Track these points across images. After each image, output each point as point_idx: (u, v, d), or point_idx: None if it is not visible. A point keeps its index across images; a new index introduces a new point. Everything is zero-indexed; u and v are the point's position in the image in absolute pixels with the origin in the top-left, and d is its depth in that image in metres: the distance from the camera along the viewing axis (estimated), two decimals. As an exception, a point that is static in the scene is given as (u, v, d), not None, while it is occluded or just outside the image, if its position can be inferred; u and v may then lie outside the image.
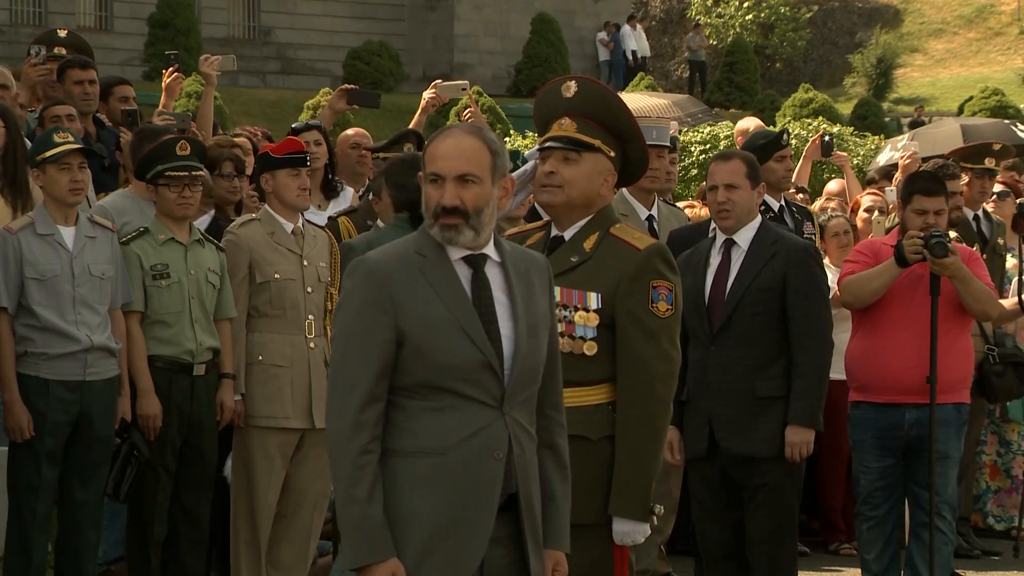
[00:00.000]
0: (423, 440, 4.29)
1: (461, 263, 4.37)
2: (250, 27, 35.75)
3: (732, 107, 32.49)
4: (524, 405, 4.39)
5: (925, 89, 38.66)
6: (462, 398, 4.30)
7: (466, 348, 4.29)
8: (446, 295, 4.32)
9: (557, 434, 4.53)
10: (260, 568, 7.43)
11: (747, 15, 39.30)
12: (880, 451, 7.55)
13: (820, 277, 6.93)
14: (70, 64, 9.26)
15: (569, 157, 5.21)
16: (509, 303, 4.38)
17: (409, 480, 4.28)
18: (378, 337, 4.28)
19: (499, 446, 4.31)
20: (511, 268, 4.41)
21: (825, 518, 9.91)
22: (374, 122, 28.38)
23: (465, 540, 4.29)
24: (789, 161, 8.57)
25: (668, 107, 19.59)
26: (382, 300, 4.29)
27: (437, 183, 4.33)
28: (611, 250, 5.23)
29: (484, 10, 36.56)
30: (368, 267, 4.34)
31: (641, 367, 5.17)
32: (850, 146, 18.31)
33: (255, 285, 7.45)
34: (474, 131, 4.42)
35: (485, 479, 4.29)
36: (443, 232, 4.32)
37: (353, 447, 4.25)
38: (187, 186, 7.31)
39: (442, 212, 4.32)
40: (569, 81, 5.29)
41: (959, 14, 41.54)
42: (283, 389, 7.41)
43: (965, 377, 7.64)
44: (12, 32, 30.93)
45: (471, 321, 4.31)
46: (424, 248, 4.37)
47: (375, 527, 4.24)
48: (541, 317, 4.43)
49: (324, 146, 9.02)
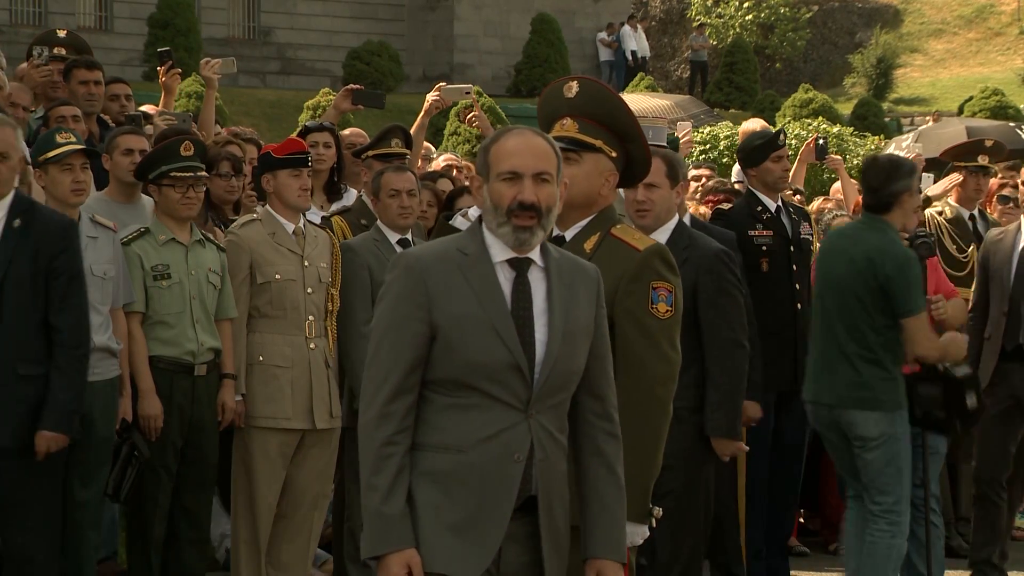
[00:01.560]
0: (446, 436, 4.32)
1: (504, 265, 4.37)
2: (250, 27, 35.74)
3: (732, 107, 32.48)
4: (553, 411, 4.39)
5: (925, 89, 38.65)
6: (488, 398, 4.31)
7: (495, 348, 4.30)
8: (482, 294, 4.33)
9: (604, 442, 4.51)
10: (260, 568, 7.44)
11: (747, 15, 39.28)
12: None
13: (732, 282, 6.80)
14: (76, 64, 9.28)
15: (570, 157, 5.18)
16: (547, 309, 4.37)
17: (431, 474, 4.31)
18: (411, 330, 4.30)
19: (520, 448, 4.32)
20: (555, 275, 4.41)
21: (825, 518, 9.92)
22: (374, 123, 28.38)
23: (478, 538, 4.31)
24: (786, 161, 8.57)
25: (670, 108, 19.60)
26: (418, 294, 4.31)
27: (512, 180, 4.33)
28: (611, 251, 5.22)
29: (484, 10, 36.55)
30: (407, 261, 4.37)
31: (640, 369, 5.16)
32: (850, 146, 18.32)
33: (256, 285, 7.46)
34: (539, 132, 4.45)
35: (503, 480, 4.31)
36: (517, 233, 4.33)
37: (378, 437, 4.29)
38: (191, 187, 7.32)
39: (519, 208, 4.31)
40: (571, 81, 5.28)
41: (959, 14, 41.54)
42: (283, 389, 7.42)
43: None
44: (12, 32, 30.92)
45: (504, 321, 4.32)
46: (467, 247, 4.38)
47: (394, 517, 4.27)
48: (582, 326, 4.42)
49: (333, 148, 9.00)
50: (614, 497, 4.48)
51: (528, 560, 4.40)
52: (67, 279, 6.43)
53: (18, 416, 6.34)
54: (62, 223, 6.56)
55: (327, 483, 7.67)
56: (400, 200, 7.86)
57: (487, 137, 4.44)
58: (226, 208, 8.48)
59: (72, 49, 9.56)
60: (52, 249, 6.42)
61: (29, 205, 6.55)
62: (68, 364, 6.41)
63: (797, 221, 8.49)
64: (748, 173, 8.60)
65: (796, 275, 8.38)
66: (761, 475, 8.32)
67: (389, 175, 7.92)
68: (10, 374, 6.35)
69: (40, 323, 6.40)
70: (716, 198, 9.94)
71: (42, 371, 6.38)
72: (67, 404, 6.41)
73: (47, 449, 6.39)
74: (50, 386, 6.36)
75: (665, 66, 40.16)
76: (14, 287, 6.35)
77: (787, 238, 8.39)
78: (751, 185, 8.57)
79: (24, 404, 6.35)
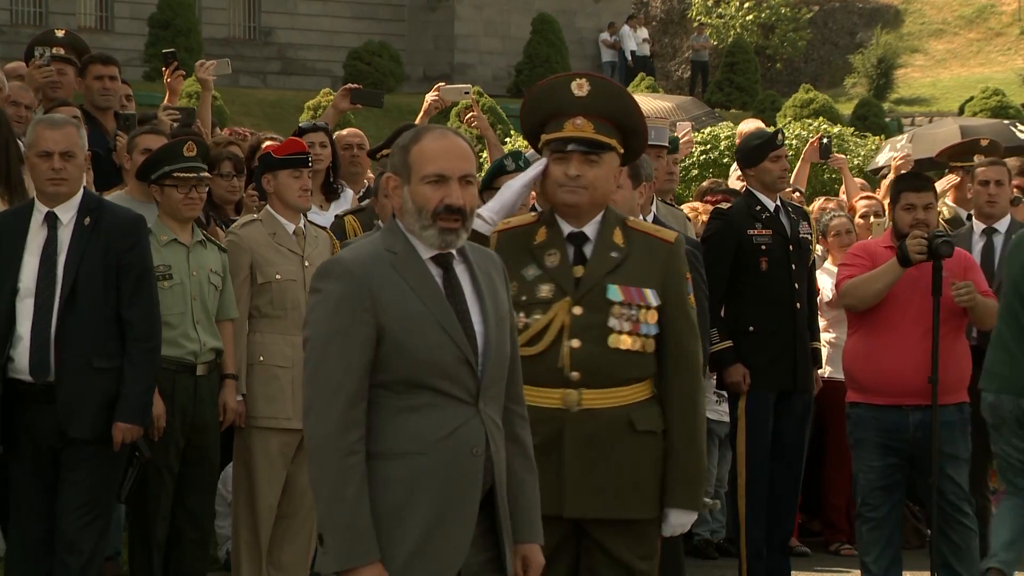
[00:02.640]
0: (401, 442, 4.27)
1: (431, 262, 4.37)
2: (250, 27, 35.74)
3: (733, 108, 32.47)
4: (494, 400, 4.40)
5: (926, 89, 38.63)
6: (440, 395, 4.28)
7: (445, 344, 4.29)
8: (422, 292, 4.31)
9: (519, 426, 4.52)
10: (261, 569, 7.45)
11: (748, 15, 39.26)
12: (882, 451, 7.54)
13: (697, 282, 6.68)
14: (92, 59, 9.31)
15: (591, 159, 5.22)
16: (477, 300, 4.38)
17: (389, 483, 4.24)
18: (359, 334, 4.25)
19: (477, 443, 4.30)
20: (475, 266, 4.42)
21: (827, 518, 9.92)
22: (374, 123, 28.40)
23: (448, 540, 4.26)
24: (785, 161, 8.55)
25: (671, 110, 19.57)
26: (362, 297, 4.27)
27: (438, 183, 4.32)
28: (641, 244, 5.27)
29: (485, 10, 36.54)
30: (345, 265, 4.32)
31: (689, 359, 5.24)
32: (851, 146, 18.30)
33: (256, 286, 7.47)
34: (456, 132, 4.43)
35: (466, 477, 4.28)
36: (443, 235, 4.32)
37: (340, 447, 4.21)
38: (194, 187, 7.34)
39: (446, 212, 4.31)
40: (580, 79, 5.26)
41: (960, 14, 41.52)
42: (284, 390, 7.43)
43: (964, 377, 7.64)
44: (12, 32, 30.92)
45: (448, 317, 4.31)
46: (393, 246, 4.35)
47: (362, 529, 4.19)
48: (504, 312, 4.45)
49: (329, 148, 9.01)
50: (531, 483, 4.50)
51: (486, 557, 4.37)
52: (137, 274, 6.62)
53: (94, 408, 6.52)
54: (131, 219, 6.72)
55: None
56: (400, 200, 7.86)
57: (405, 139, 4.42)
58: (227, 208, 8.49)
59: (71, 49, 9.57)
60: (122, 245, 6.59)
61: (98, 203, 6.73)
62: (140, 357, 6.59)
63: (796, 221, 8.48)
64: (747, 173, 8.59)
65: (795, 274, 8.38)
66: (761, 475, 8.32)
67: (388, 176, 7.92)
68: (86, 367, 6.51)
69: (112, 318, 6.57)
70: (714, 198, 9.94)
71: (116, 364, 6.56)
72: (141, 397, 6.62)
73: (122, 440, 6.58)
74: (124, 379, 6.56)
75: (666, 66, 40.14)
76: (87, 283, 6.52)
77: (786, 237, 8.39)
78: (750, 185, 8.57)
79: (100, 396, 6.53)
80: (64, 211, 6.60)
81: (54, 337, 6.49)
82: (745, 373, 8.24)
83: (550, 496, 4.89)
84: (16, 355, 6.52)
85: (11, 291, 6.51)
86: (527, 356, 4.98)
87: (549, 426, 5.11)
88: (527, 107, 5.36)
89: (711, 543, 9.51)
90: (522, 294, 5.15)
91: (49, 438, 6.54)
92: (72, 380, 6.49)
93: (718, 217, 8.50)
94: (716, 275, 7.97)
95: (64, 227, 6.59)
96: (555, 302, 5.17)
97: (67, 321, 6.49)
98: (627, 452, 5.18)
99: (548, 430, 5.10)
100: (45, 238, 6.58)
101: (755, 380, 8.28)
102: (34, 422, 6.54)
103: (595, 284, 5.18)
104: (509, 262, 4.81)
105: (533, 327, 5.16)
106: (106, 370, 6.54)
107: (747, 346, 8.30)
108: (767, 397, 8.32)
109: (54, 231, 6.59)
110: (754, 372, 8.27)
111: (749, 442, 8.29)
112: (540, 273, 5.21)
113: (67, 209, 6.61)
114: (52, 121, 6.79)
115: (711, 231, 8.44)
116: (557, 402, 5.15)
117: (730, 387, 8.35)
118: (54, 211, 6.60)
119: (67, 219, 6.60)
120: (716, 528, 9.55)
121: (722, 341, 8.25)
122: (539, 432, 4.84)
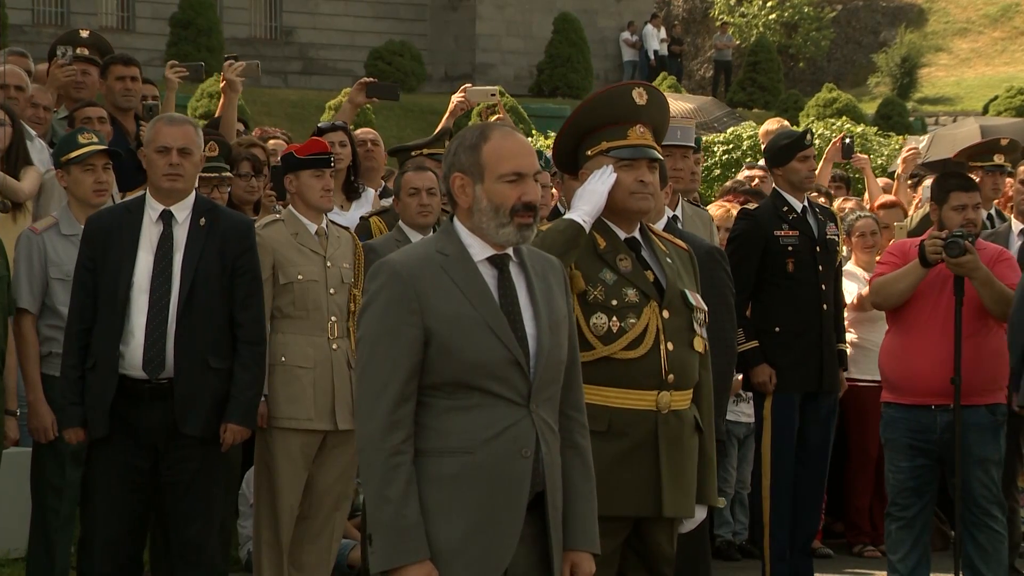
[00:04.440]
0: (450, 439, 4.29)
1: (486, 263, 4.39)
2: (272, 27, 35.78)
3: (755, 107, 32.43)
4: (549, 403, 4.40)
5: (950, 88, 38.53)
6: (490, 396, 4.30)
7: (494, 345, 4.30)
8: (471, 293, 4.33)
9: (579, 433, 4.53)
10: (282, 569, 7.42)
11: (770, 14, 39.21)
12: (912, 451, 7.49)
13: (724, 280, 6.73)
14: (113, 60, 9.31)
15: (652, 166, 5.34)
16: (531, 302, 4.40)
17: (437, 480, 4.27)
18: (406, 336, 4.29)
19: (527, 444, 4.31)
20: (531, 269, 4.44)
21: (850, 520, 9.88)
22: (396, 121, 28.38)
23: (495, 540, 4.27)
24: (812, 161, 8.53)
25: (692, 112, 19.56)
26: (409, 299, 4.30)
27: (516, 182, 4.37)
28: (672, 250, 5.39)
29: (506, 10, 36.53)
30: (393, 267, 4.35)
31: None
32: (874, 146, 18.24)
33: (278, 286, 7.44)
34: (516, 129, 4.53)
35: (514, 477, 4.29)
36: (521, 232, 4.38)
37: (386, 447, 4.25)
38: (215, 187, 7.32)
39: (524, 209, 4.36)
40: (639, 88, 5.38)
41: (984, 13, 41.39)
42: (306, 390, 7.40)
43: (997, 378, 7.55)
44: (34, 32, 30.99)
45: (497, 319, 4.32)
46: (446, 248, 4.38)
47: (409, 527, 4.23)
48: (561, 317, 4.46)
49: (348, 147, 9.02)
50: (589, 491, 4.51)
51: (536, 559, 4.37)
52: (251, 278, 6.67)
53: (207, 408, 6.52)
54: (243, 222, 6.78)
55: (349, 484, 7.66)
56: (420, 199, 7.86)
57: (470, 138, 4.44)
58: (246, 208, 8.48)
59: (95, 49, 9.57)
60: (236, 248, 6.62)
61: (211, 204, 6.76)
62: (251, 359, 6.63)
63: (823, 222, 8.44)
64: (774, 173, 8.56)
65: (822, 276, 8.34)
66: (786, 476, 8.29)
67: (409, 174, 7.95)
68: (203, 367, 6.50)
69: (226, 319, 6.59)
70: (737, 198, 9.89)
71: (227, 365, 6.57)
72: (252, 399, 6.65)
73: (233, 441, 6.60)
74: (235, 381, 6.58)
75: (688, 65, 40.10)
76: (204, 284, 6.52)
77: (813, 239, 8.35)
78: (777, 185, 8.53)
79: (212, 397, 6.53)
80: (180, 210, 6.55)
81: (173, 335, 6.44)
82: (771, 373, 8.21)
83: (644, 497, 5.10)
84: (128, 351, 6.45)
85: (127, 285, 6.46)
86: (627, 359, 5.13)
87: (643, 428, 5.18)
88: (584, 113, 5.40)
89: (733, 544, 9.48)
90: (611, 298, 5.21)
91: (152, 435, 6.45)
92: (188, 378, 6.45)
93: (745, 217, 8.47)
94: (742, 275, 7.92)
95: (179, 225, 6.54)
96: (644, 306, 5.22)
97: (185, 320, 6.46)
98: (694, 451, 5.30)
99: (642, 432, 5.17)
100: (160, 235, 6.53)
101: (781, 381, 8.24)
102: (140, 419, 6.44)
103: (674, 289, 5.27)
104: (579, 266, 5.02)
105: (632, 331, 5.20)
106: (219, 370, 6.53)
107: (773, 347, 8.27)
108: (793, 398, 8.28)
109: (169, 228, 6.54)
110: (780, 373, 8.24)
111: (774, 443, 8.26)
112: (618, 278, 5.25)
113: (183, 208, 6.56)
114: (171, 118, 6.78)
115: (737, 231, 8.41)
116: (651, 404, 5.19)
117: (756, 387, 8.32)
118: (170, 209, 6.55)
119: (182, 218, 6.55)
120: (738, 530, 9.53)
121: (748, 341, 8.21)
122: (630, 434, 5.07)
